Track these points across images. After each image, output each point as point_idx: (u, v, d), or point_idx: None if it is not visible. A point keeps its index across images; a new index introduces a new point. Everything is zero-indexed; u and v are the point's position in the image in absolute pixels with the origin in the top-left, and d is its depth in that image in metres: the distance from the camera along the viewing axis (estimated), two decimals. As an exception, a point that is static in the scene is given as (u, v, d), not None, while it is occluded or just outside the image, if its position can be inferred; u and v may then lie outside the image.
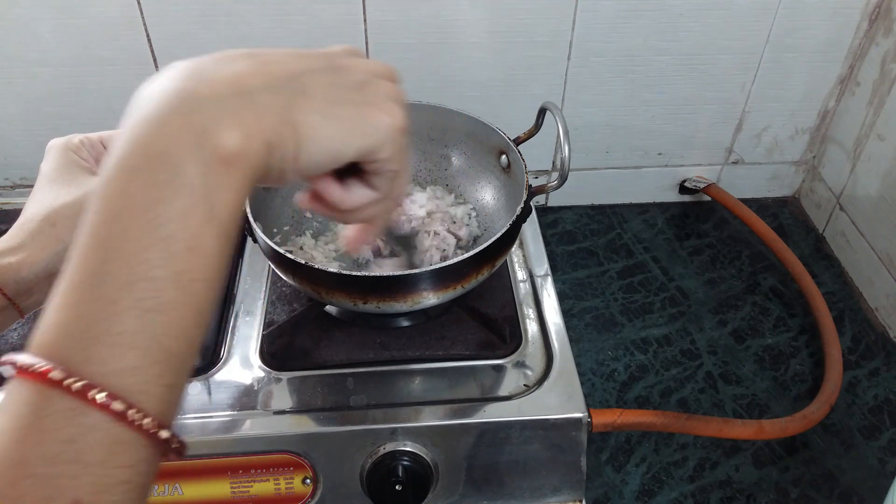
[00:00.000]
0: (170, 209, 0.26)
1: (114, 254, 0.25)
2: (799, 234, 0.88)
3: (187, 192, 0.26)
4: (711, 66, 0.79)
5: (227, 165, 0.27)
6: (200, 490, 0.54)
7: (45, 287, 0.45)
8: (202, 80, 0.28)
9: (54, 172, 0.46)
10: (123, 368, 0.25)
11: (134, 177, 0.26)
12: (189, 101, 0.27)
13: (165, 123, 0.27)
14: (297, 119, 0.29)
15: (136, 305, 0.25)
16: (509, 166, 0.65)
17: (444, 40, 0.73)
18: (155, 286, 0.25)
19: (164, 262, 0.26)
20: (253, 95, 0.28)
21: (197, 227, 0.26)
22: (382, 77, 0.33)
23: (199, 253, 0.27)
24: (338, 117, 0.30)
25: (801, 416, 0.62)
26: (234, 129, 0.27)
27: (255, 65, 0.29)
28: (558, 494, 0.57)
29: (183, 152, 0.26)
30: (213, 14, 0.69)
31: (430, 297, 0.54)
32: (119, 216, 0.26)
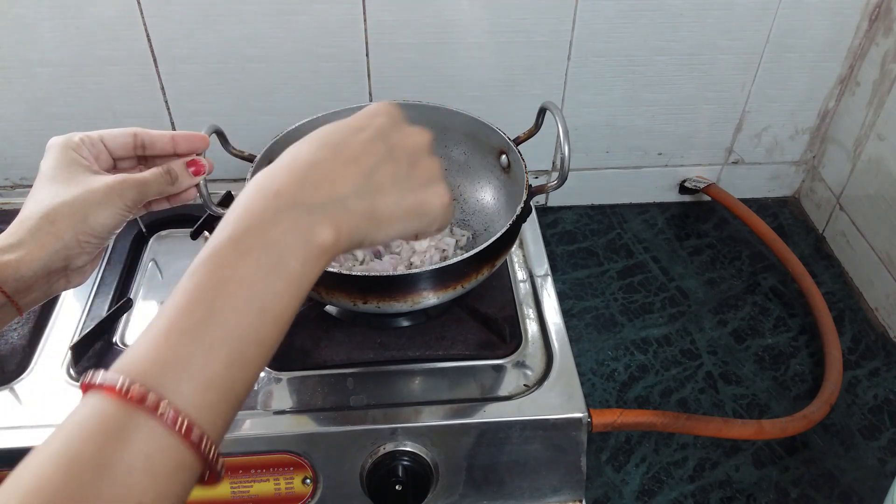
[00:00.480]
0: (270, 288, 0.32)
1: (217, 313, 0.31)
2: (799, 234, 0.88)
3: (287, 277, 0.33)
4: (711, 66, 0.79)
5: (320, 256, 0.34)
6: (200, 490, 0.53)
7: (43, 285, 0.45)
8: (306, 187, 0.35)
9: (54, 171, 0.46)
10: (205, 404, 0.29)
11: (245, 256, 0.32)
12: (298, 205, 0.34)
13: (279, 219, 0.33)
14: (378, 215, 0.37)
15: (227, 357, 0.30)
16: (509, 166, 0.65)
17: (444, 40, 0.73)
18: (244, 345, 0.31)
19: (256, 328, 0.31)
20: (345, 202, 0.35)
21: (286, 302, 0.33)
22: (423, 151, 0.40)
23: (281, 322, 0.33)
24: (406, 208, 0.38)
25: (801, 416, 0.62)
26: (331, 230, 0.34)
27: (342, 168, 0.36)
28: (558, 494, 0.57)
29: (291, 246, 0.33)
30: (213, 14, 0.69)
31: (430, 297, 0.54)
32: (226, 283, 0.31)
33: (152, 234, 0.74)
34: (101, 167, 0.49)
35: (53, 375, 0.58)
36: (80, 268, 0.47)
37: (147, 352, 0.30)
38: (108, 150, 0.50)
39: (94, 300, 0.65)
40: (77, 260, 0.45)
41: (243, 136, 0.67)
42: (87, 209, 0.44)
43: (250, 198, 0.34)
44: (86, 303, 0.65)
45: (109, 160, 0.50)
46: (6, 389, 0.57)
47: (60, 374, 0.58)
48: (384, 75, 0.75)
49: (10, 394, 0.57)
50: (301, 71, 0.74)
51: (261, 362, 0.32)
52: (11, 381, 0.58)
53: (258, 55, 0.72)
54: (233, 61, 0.73)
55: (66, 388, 0.57)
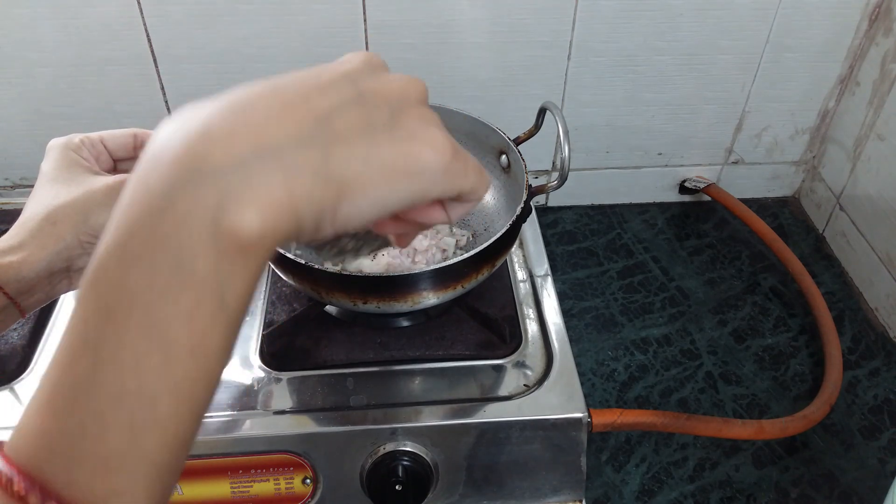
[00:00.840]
0: (173, 309, 0.22)
1: (103, 361, 0.22)
2: (799, 234, 0.88)
3: (194, 287, 0.22)
4: (711, 66, 0.79)
5: (243, 251, 0.23)
6: (200, 490, 0.54)
7: (45, 286, 0.45)
8: (216, 138, 0.23)
9: (55, 172, 0.46)
10: (108, 492, 0.22)
11: (131, 267, 0.22)
12: (200, 172, 0.22)
13: (171, 202, 0.22)
14: (336, 174, 0.24)
15: (127, 422, 0.22)
16: (509, 166, 0.65)
17: (444, 40, 0.73)
18: (151, 399, 0.22)
19: (163, 371, 0.22)
20: (279, 154, 0.23)
21: (203, 326, 0.23)
22: (411, 100, 0.28)
23: (203, 354, 0.23)
24: (382, 164, 0.25)
25: (801, 416, 0.62)
26: (256, 205, 0.22)
27: (278, 107, 0.24)
28: (558, 494, 0.57)
29: (192, 239, 0.22)
30: (213, 14, 0.69)
31: (430, 297, 0.54)
32: (112, 314, 0.22)
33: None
34: (101, 168, 0.49)
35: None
36: (82, 269, 0.47)
37: (32, 425, 0.23)
38: (109, 151, 0.50)
39: (94, 300, 0.65)
40: (79, 261, 0.45)
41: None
42: (89, 210, 0.44)
43: (142, 168, 0.23)
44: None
45: (110, 161, 0.50)
46: (6, 389, 0.57)
47: None
48: (384, 75, 0.75)
49: (10, 394, 0.57)
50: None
51: (187, 413, 0.23)
52: (11, 381, 0.58)
53: (258, 55, 0.72)
54: (233, 61, 0.73)
55: (66, 388, 0.57)
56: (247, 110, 0.24)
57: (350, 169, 0.24)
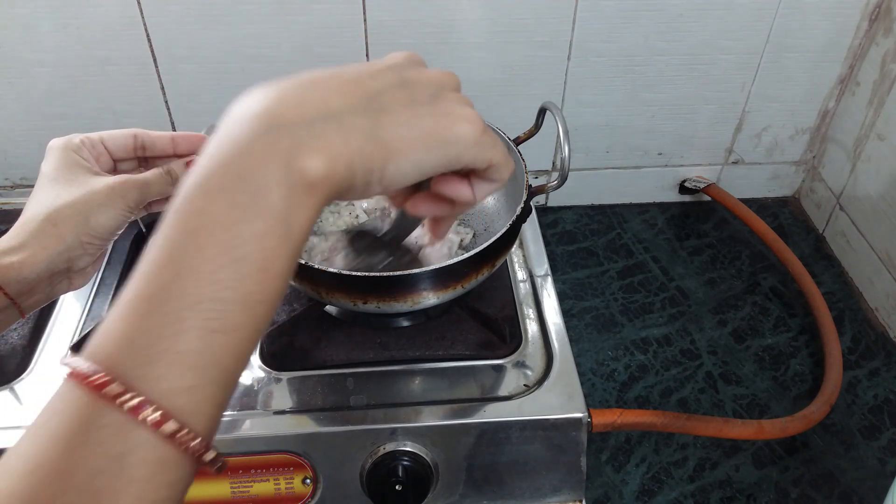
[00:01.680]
0: (248, 230, 0.26)
1: (186, 271, 0.25)
2: (799, 234, 0.88)
3: (267, 214, 0.26)
4: (711, 66, 0.79)
5: (310, 189, 0.27)
6: (200, 490, 0.54)
7: (46, 287, 0.45)
8: (289, 104, 0.28)
9: (55, 172, 0.46)
10: (181, 388, 0.25)
11: (216, 197, 0.26)
12: (277, 125, 0.27)
13: (252, 146, 0.27)
14: (384, 136, 0.29)
15: (202, 325, 0.25)
16: (509, 166, 0.65)
17: (444, 40, 0.73)
18: (223, 307, 0.25)
19: (236, 283, 0.26)
20: (339, 118, 0.28)
21: (272, 248, 0.27)
22: (448, 87, 0.33)
23: (270, 274, 0.27)
24: (422, 130, 0.30)
25: (801, 416, 0.62)
26: (320, 153, 0.27)
27: (337, 85, 0.30)
28: (558, 494, 0.57)
29: (268, 176, 0.26)
30: (213, 14, 0.69)
31: (430, 297, 0.54)
32: (195, 233, 0.26)
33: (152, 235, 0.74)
34: (101, 168, 0.49)
35: (53, 375, 0.58)
36: (82, 269, 0.47)
37: (114, 328, 0.25)
38: (109, 152, 0.50)
39: (94, 300, 0.65)
40: (79, 261, 0.46)
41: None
42: (89, 211, 0.45)
43: (224, 127, 0.28)
44: (86, 303, 0.65)
45: (110, 161, 0.50)
46: (6, 389, 0.57)
47: (60, 375, 0.58)
48: (384, 75, 0.75)
49: (10, 394, 0.57)
50: (301, 71, 0.74)
51: (251, 327, 0.27)
52: (11, 381, 0.58)
53: (258, 55, 0.72)
54: (233, 61, 0.73)
55: (67, 388, 0.57)
56: (312, 86, 0.29)
57: (395, 133, 0.30)
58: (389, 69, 0.32)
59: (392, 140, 0.29)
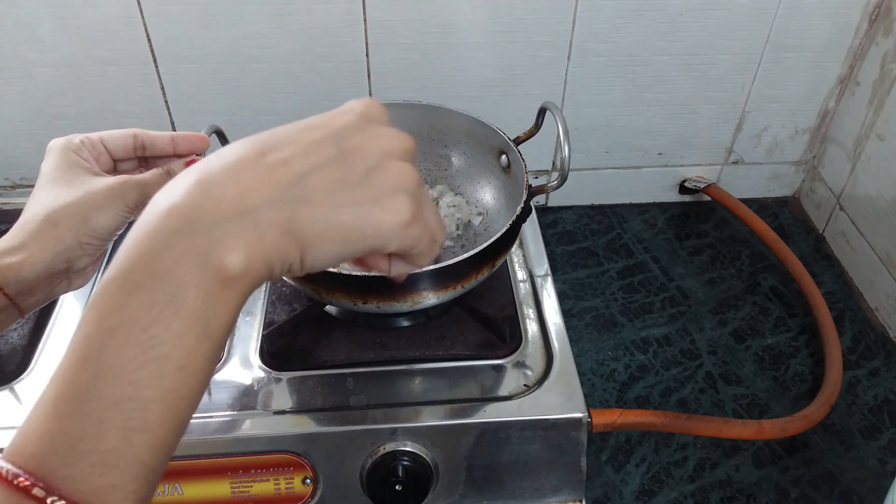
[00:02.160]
0: (165, 331, 0.26)
1: (105, 371, 0.26)
2: (799, 234, 0.88)
3: (185, 314, 0.27)
4: (711, 66, 0.79)
5: (226, 286, 0.28)
6: (200, 490, 0.54)
7: (45, 287, 0.45)
8: (209, 197, 0.28)
9: (55, 173, 0.46)
10: (104, 487, 0.25)
11: (133, 293, 0.26)
12: (195, 223, 0.27)
13: (170, 244, 0.27)
14: (300, 231, 0.29)
15: (123, 425, 0.26)
16: (509, 166, 0.65)
17: (444, 40, 0.73)
18: (143, 406, 0.26)
19: (154, 382, 0.26)
20: (256, 214, 0.28)
21: (190, 347, 0.27)
22: (394, 155, 0.32)
23: (189, 371, 0.27)
24: (340, 225, 0.30)
25: (801, 416, 0.62)
26: (237, 251, 0.28)
27: (261, 173, 0.29)
28: (558, 494, 0.57)
29: (185, 275, 0.27)
30: (213, 14, 0.69)
31: (430, 297, 0.54)
32: (113, 333, 0.26)
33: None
34: (101, 169, 0.49)
35: (53, 375, 0.58)
36: (81, 269, 0.47)
37: (35, 429, 0.26)
38: (109, 152, 0.50)
39: (94, 300, 0.65)
40: (79, 262, 0.45)
41: (243, 136, 0.67)
42: (89, 211, 0.44)
43: (143, 220, 0.28)
44: (85, 303, 0.65)
45: (110, 162, 0.50)
46: (6, 389, 0.57)
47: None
48: (384, 75, 0.75)
49: (10, 394, 0.57)
50: (301, 71, 0.74)
51: (173, 423, 0.27)
52: (11, 381, 0.58)
53: (258, 55, 0.72)
54: (233, 61, 0.73)
55: (66, 388, 0.57)
56: (237, 174, 0.29)
57: (312, 227, 0.29)
58: (332, 137, 0.31)
59: (308, 234, 0.29)
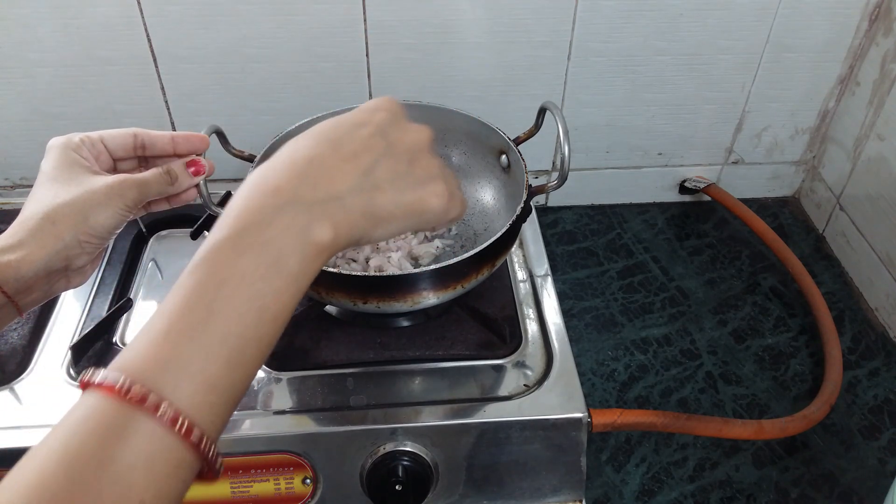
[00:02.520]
0: (269, 286, 0.32)
1: (216, 314, 0.31)
2: (799, 234, 0.88)
3: (286, 275, 0.33)
4: (711, 66, 0.79)
5: (319, 254, 0.34)
6: (200, 490, 0.54)
7: (44, 285, 0.45)
8: (306, 184, 0.35)
9: (55, 171, 0.46)
10: (205, 404, 0.30)
11: (245, 254, 0.32)
12: (295, 203, 0.34)
13: (276, 218, 0.33)
14: (376, 213, 0.37)
15: (226, 356, 0.31)
16: (509, 166, 0.65)
17: (444, 40, 0.73)
18: (243, 344, 0.31)
19: (254, 327, 0.32)
20: (342, 199, 0.35)
21: (286, 301, 0.33)
22: (422, 148, 0.39)
23: (281, 321, 0.33)
24: (405, 207, 0.37)
25: (801, 416, 0.62)
26: (329, 227, 0.34)
27: (339, 166, 0.36)
28: (558, 494, 0.57)
29: (288, 246, 0.33)
30: (213, 14, 0.69)
31: (430, 297, 0.54)
32: (225, 283, 0.31)
33: (152, 235, 0.74)
34: (101, 168, 0.49)
35: (53, 375, 0.58)
36: (80, 268, 0.47)
37: (147, 351, 0.30)
38: (109, 151, 0.50)
39: (94, 300, 0.65)
40: (77, 260, 0.45)
41: (243, 136, 0.67)
42: (88, 209, 0.44)
43: (249, 194, 0.34)
44: (86, 303, 0.65)
45: (110, 161, 0.50)
46: (6, 389, 0.57)
47: (60, 374, 0.58)
48: (384, 75, 0.75)
49: (10, 394, 0.57)
50: (301, 71, 0.74)
51: (259, 361, 0.33)
52: (11, 381, 0.58)
53: (258, 55, 0.72)
54: (233, 61, 0.73)
55: (66, 388, 0.57)
56: (322, 167, 0.36)
57: (384, 209, 0.37)
58: (377, 133, 0.38)
59: (381, 215, 0.37)
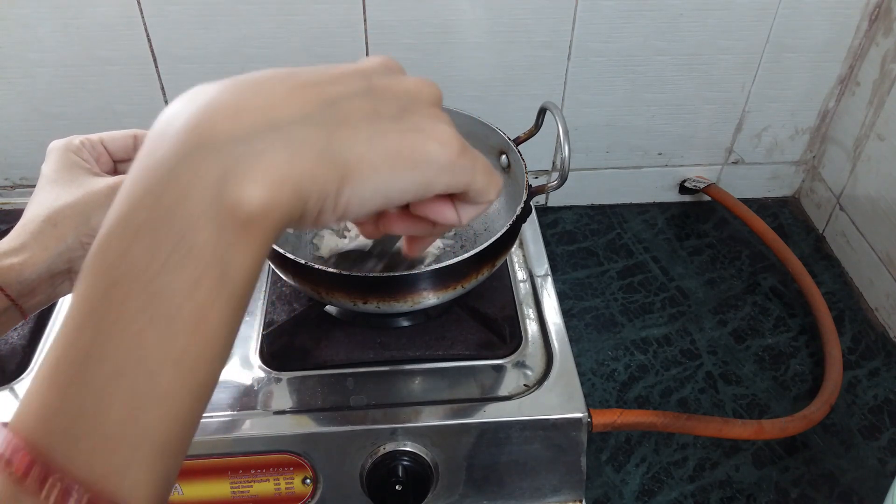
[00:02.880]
0: (174, 281, 0.22)
1: (105, 334, 0.22)
2: (799, 234, 0.88)
3: (195, 259, 0.22)
4: (711, 66, 0.79)
5: (246, 226, 0.23)
6: (200, 490, 0.54)
7: (47, 287, 0.45)
8: (223, 112, 0.23)
9: (55, 174, 0.46)
10: (111, 469, 0.22)
11: (137, 237, 0.22)
12: (206, 141, 0.22)
13: (175, 172, 0.22)
14: (341, 155, 0.24)
15: (127, 398, 0.22)
16: (509, 166, 0.65)
17: (444, 40, 0.73)
18: (150, 373, 0.22)
19: (164, 345, 0.22)
20: (285, 129, 0.23)
21: (204, 301, 0.22)
22: (424, 100, 0.29)
23: (205, 330, 0.23)
24: (385, 149, 0.25)
25: (801, 416, 0.62)
26: (260, 177, 0.22)
27: (287, 88, 0.25)
28: (558, 494, 0.57)
29: (194, 211, 0.22)
30: (213, 14, 0.69)
31: (430, 298, 0.54)
32: (115, 286, 0.22)
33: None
34: (102, 169, 0.49)
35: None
36: None
37: (33, 401, 0.22)
38: (109, 153, 0.50)
39: (94, 300, 0.65)
40: (80, 262, 0.45)
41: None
42: (90, 211, 0.45)
43: (149, 142, 0.23)
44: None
45: (110, 162, 0.50)
46: (6, 389, 0.57)
47: None
48: (384, 75, 0.75)
49: (10, 394, 0.57)
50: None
51: (190, 393, 0.23)
52: (11, 381, 0.58)
53: (258, 55, 0.72)
54: (233, 61, 0.73)
55: (67, 388, 0.57)
56: (256, 88, 0.24)
57: (354, 151, 0.25)
58: (357, 73, 0.28)
59: (349, 159, 0.24)
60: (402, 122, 0.27)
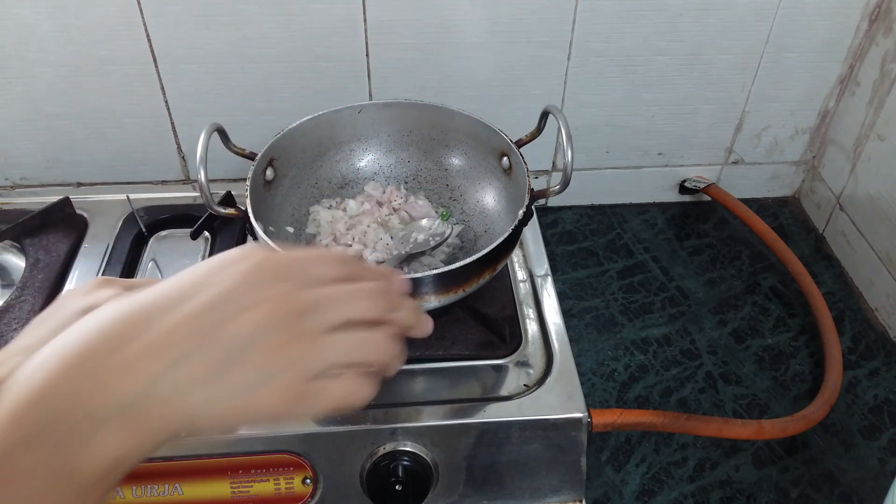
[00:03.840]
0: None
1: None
2: (799, 234, 0.88)
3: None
4: (711, 66, 0.79)
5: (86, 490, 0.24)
6: (200, 490, 0.54)
7: None
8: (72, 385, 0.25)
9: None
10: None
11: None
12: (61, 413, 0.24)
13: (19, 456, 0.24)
14: (181, 416, 0.27)
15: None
16: (510, 168, 0.65)
17: (444, 40, 0.73)
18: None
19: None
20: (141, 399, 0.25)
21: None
22: (267, 330, 0.28)
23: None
24: (219, 415, 0.27)
25: (801, 416, 0.62)
26: (109, 444, 0.25)
27: (129, 363, 0.26)
28: (558, 494, 0.57)
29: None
30: (213, 14, 0.69)
31: (431, 301, 0.54)
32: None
33: (152, 234, 0.74)
34: None
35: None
36: None
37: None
38: None
39: (94, 300, 0.65)
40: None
41: (244, 136, 0.67)
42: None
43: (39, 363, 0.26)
44: (86, 303, 0.65)
45: None
46: None
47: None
48: (384, 75, 0.75)
49: None
50: (301, 71, 0.74)
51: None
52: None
53: (258, 55, 0.72)
54: (233, 61, 0.73)
55: (67, 389, 0.57)
56: (91, 364, 0.27)
57: (193, 415, 0.27)
58: (283, 295, 0.28)
59: (192, 417, 0.28)
60: (234, 374, 0.27)
